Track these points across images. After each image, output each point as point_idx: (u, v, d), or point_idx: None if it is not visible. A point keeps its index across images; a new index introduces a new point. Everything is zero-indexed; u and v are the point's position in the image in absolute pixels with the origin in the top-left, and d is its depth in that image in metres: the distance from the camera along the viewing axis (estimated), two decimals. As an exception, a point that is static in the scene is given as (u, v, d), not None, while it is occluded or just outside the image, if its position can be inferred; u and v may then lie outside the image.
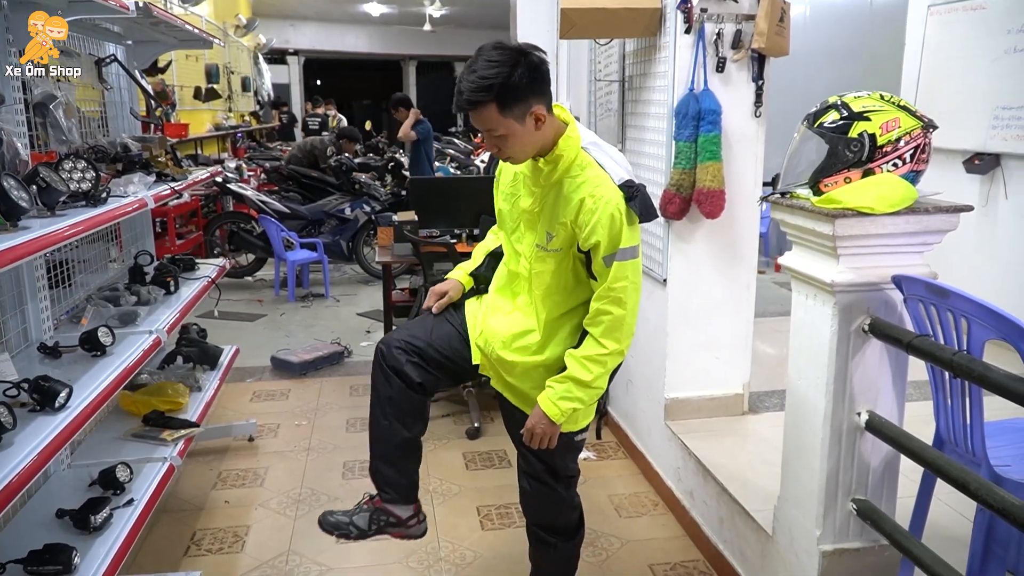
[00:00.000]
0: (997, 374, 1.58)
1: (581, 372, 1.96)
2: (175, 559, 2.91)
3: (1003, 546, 1.83)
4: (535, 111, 1.85)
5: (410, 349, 2.11)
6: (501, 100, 1.80)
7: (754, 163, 3.10)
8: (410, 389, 2.11)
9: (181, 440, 2.75)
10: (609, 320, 1.94)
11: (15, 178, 1.87)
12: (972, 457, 1.86)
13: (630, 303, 1.95)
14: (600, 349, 1.96)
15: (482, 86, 1.79)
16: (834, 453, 2.08)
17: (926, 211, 1.92)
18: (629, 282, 1.93)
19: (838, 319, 1.99)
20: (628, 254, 1.91)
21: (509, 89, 1.80)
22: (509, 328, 2.08)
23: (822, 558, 2.13)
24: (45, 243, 1.77)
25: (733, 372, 3.32)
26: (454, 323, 2.20)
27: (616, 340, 1.96)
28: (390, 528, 2.22)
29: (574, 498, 2.31)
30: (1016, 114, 4.24)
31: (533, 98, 1.84)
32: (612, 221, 1.87)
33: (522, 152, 1.92)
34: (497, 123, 1.84)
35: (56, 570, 1.98)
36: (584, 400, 2.00)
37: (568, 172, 1.93)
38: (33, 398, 1.91)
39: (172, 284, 3.06)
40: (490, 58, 1.81)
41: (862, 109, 1.94)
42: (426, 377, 2.12)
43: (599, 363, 1.97)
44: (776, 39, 2.90)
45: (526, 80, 1.81)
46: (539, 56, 1.86)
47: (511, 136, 1.86)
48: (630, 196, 1.88)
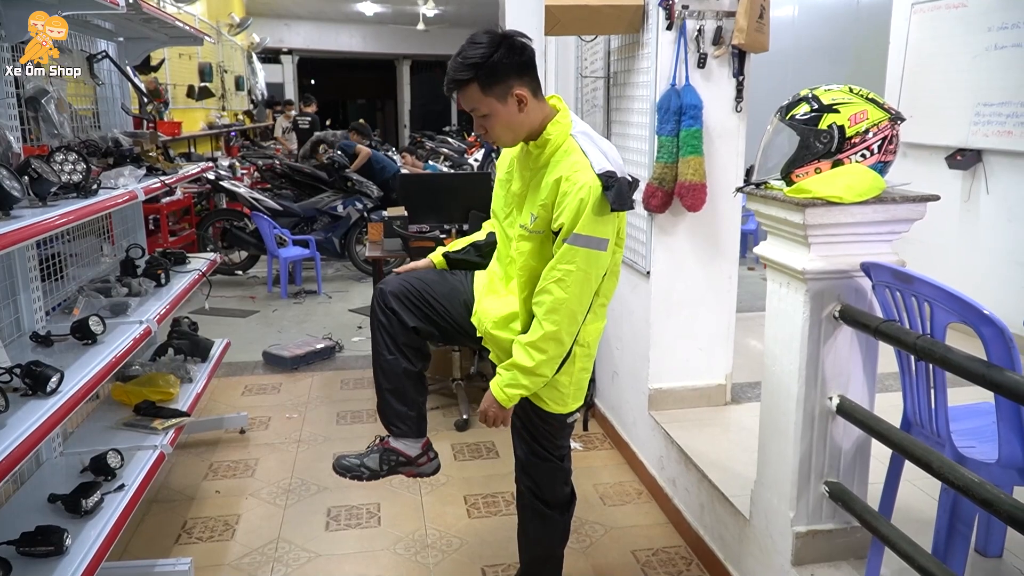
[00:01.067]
0: (957, 355, 1.64)
1: (524, 359, 2.02)
2: (166, 547, 2.95)
3: (967, 524, 1.88)
4: (516, 92, 1.93)
5: (404, 295, 2.19)
6: (482, 79, 1.90)
7: (735, 157, 3.15)
8: (405, 328, 2.19)
9: (172, 429, 2.80)
10: (550, 301, 1.98)
11: (8, 168, 1.92)
12: (937, 438, 1.92)
13: (573, 290, 1.96)
14: (540, 332, 1.99)
15: (464, 65, 1.90)
16: (807, 437, 2.13)
17: (893, 200, 1.97)
18: (576, 268, 1.94)
19: (810, 306, 2.05)
20: (584, 241, 1.93)
21: (490, 68, 1.89)
22: (500, 310, 2.15)
23: (796, 539, 2.19)
24: (37, 231, 1.82)
25: (715, 363, 3.38)
26: (458, 285, 2.28)
27: (554, 323, 1.97)
28: (401, 468, 2.25)
29: (568, 470, 2.37)
30: (997, 110, 4.31)
31: (514, 79, 1.93)
32: (579, 205, 1.91)
33: (505, 133, 2.00)
34: (479, 101, 1.94)
35: (48, 551, 2.03)
36: (529, 386, 2.05)
37: (554, 156, 2.00)
38: (25, 383, 1.96)
39: (163, 277, 3.11)
40: (475, 40, 1.92)
41: (831, 102, 2.00)
42: (418, 324, 2.20)
43: (540, 350, 2.00)
44: (756, 36, 2.96)
45: (507, 61, 1.91)
46: (522, 40, 1.95)
47: (493, 116, 1.95)
48: (606, 185, 1.91)
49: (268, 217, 6.93)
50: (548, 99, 2.06)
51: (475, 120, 2.01)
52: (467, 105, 1.97)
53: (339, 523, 3.13)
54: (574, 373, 2.16)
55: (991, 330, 1.64)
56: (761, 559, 2.38)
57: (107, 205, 2.27)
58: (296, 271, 7.23)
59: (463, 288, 2.29)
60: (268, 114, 13.77)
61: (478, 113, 1.97)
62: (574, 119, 2.07)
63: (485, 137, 2.05)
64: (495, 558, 2.87)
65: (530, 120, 1.99)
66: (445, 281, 2.29)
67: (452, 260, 2.39)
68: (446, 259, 2.40)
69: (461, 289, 2.29)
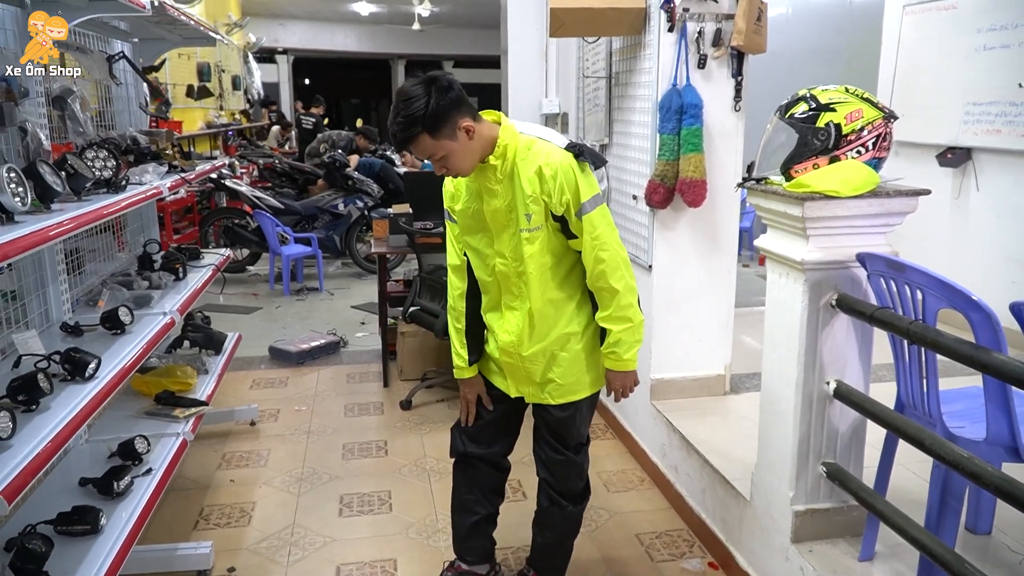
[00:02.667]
0: (947, 339, 1.76)
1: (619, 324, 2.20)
2: (185, 532, 3.05)
3: (957, 499, 2.00)
4: (462, 125, 2.04)
5: (477, 439, 2.49)
6: (429, 127, 2.00)
7: (734, 155, 3.27)
8: (495, 469, 2.53)
9: (192, 417, 2.90)
10: (603, 266, 2.14)
11: (48, 164, 2.02)
12: (929, 419, 2.03)
13: (612, 245, 2.15)
14: (616, 295, 2.16)
15: (408, 122, 1.99)
16: (805, 419, 2.25)
17: (887, 194, 2.09)
18: (603, 228, 2.13)
19: (808, 295, 2.16)
20: (592, 204, 2.11)
21: (431, 116, 1.99)
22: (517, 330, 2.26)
23: (795, 518, 2.31)
24: (82, 222, 1.93)
25: (715, 354, 3.49)
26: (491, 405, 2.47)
27: (619, 279, 2.16)
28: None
29: (581, 464, 2.48)
30: (986, 109, 4.43)
31: (456, 115, 2.03)
32: (569, 178, 2.08)
33: (464, 163, 2.10)
34: (435, 147, 2.04)
35: (84, 529, 2.13)
36: (639, 338, 2.26)
37: (518, 156, 2.12)
38: (65, 368, 2.06)
39: (180, 271, 3.20)
40: (406, 96, 2.00)
41: (828, 101, 2.11)
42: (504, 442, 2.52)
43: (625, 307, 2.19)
44: (754, 37, 3.07)
45: (444, 102, 2.00)
46: (447, 79, 2.04)
47: (451, 154, 2.06)
48: (577, 152, 2.11)
49: (270, 215, 7.02)
50: (483, 114, 2.15)
51: (434, 164, 2.09)
52: (423, 154, 2.07)
53: (352, 509, 3.23)
54: (594, 353, 2.30)
55: (979, 315, 1.76)
56: (762, 538, 2.50)
57: (138, 200, 2.37)
58: (298, 268, 7.32)
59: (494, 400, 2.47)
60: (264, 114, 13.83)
61: (435, 157, 2.06)
62: (512, 121, 2.19)
63: (447, 174, 2.14)
64: (504, 541, 2.96)
65: (482, 142, 2.10)
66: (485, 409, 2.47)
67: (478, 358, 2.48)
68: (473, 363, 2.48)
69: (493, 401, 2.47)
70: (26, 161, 2.21)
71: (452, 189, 2.27)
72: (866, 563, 2.23)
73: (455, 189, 2.26)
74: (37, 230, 1.76)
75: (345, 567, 2.83)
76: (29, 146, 2.27)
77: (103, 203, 2.13)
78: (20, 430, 1.77)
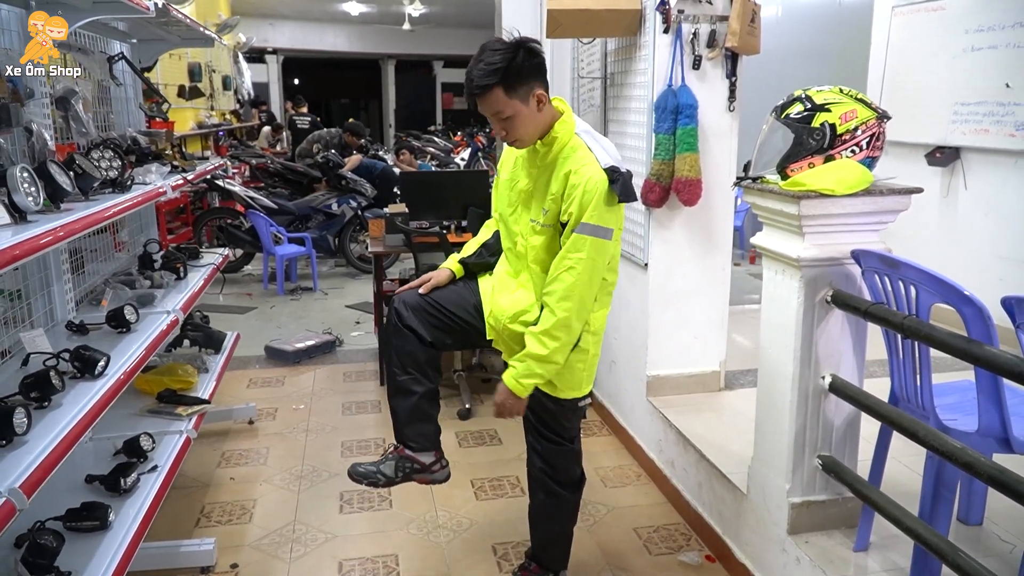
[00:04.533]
0: (940, 332, 1.81)
1: (538, 347, 2.15)
2: (187, 529, 3.07)
3: (950, 489, 2.05)
4: (537, 93, 2.07)
5: (419, 308, 2.32)
6: (507, 82, 2.02)
7: (728, 155, 3.32)
8: (422, 344, 2.32)
9: (195, 415, 2.93)
10: (561, 289, 2.11)
11: (58, 164, 2.04)
12: (922, 411, 2.08)
13: (583, 278, 2.09)
14: (552, 320, 2.12)
15: (489, 71, 2.01)
16: (801, 413, 2.30)
17: (880, 193, 2.14)
18: (586, 256, 2.08)
19: (804, 291, 2.21)
20: (592, 231, 2.07)
21: (513, 72, 2.02)
22: (514, 305, 2.28)
23: (791, 510, 2.35)
24: (93, 221, 1.95)
25: (710, 351, 3.54)
26: (466, 294, 2.41)
27: (565, 310, 2.10)
28: (415, 474, 2.38)
29: (578, 451, 2.52)
30: (974, 109, 4.50)
31: (535, 81, 2.07)
32: (584, 195, 2.05)
33: (527, 133, 2.12)
34: (505, 104, 2.05)
35: (94, 525, 2.16)
36: (543, 375, 2.19)
37: (561, 153, 2.14)
38: (74, 366, 2.09)
39: (181, 270, 3.23)
40: (493, 47, 2.04)
41: (823, 101, 2.16)
42: (436, 335, 2.33)
43: (553, 337, 2.14)
44: (748, 39, 3.12)
45: (527, 64, 2.04)
46: (535, 45, 2.09)
47: (517, 117, 2.07)
48: (613, 179, 2.07)
49: (264, 215, 7.03)
50: (553, 100, 2.19)
51: (496, 123, 2.10)
52: (490, 109, 2.07)
53: (352, 506, 3.26)
54: (587, 359, 2.31)
55: (971, 309, 1.81)
56: (758, 530, 2.55)
57: (143, 200, 2.40)
58: (292, 268, 7.34)
59: (469, 294, 2.42)
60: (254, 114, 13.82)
61: (501, 116, 2.07)
62: (577, 119, 2.21)
63: (505, 139, 2.15)
64: (504, 536, 3.02)
65: (545, 119, 2.13)
66: (452, 291, 2.42)
67: (468, 265, 2.49)
68: (462, 265, 2.50)
69: (468, 295, 2.42)
70: (32, 161, 2.23)
71: (507, 156, 2.34)
72: (861, 553, 2.29)
73: (507, 156, 2.33)
74: (51, 229, 1.78)
75: (347, 563, 2.86)
76: (35, 146, 2.30)
77: (111, 203, 2.16)
78: (35, 426, 1.79)
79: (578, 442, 2.52)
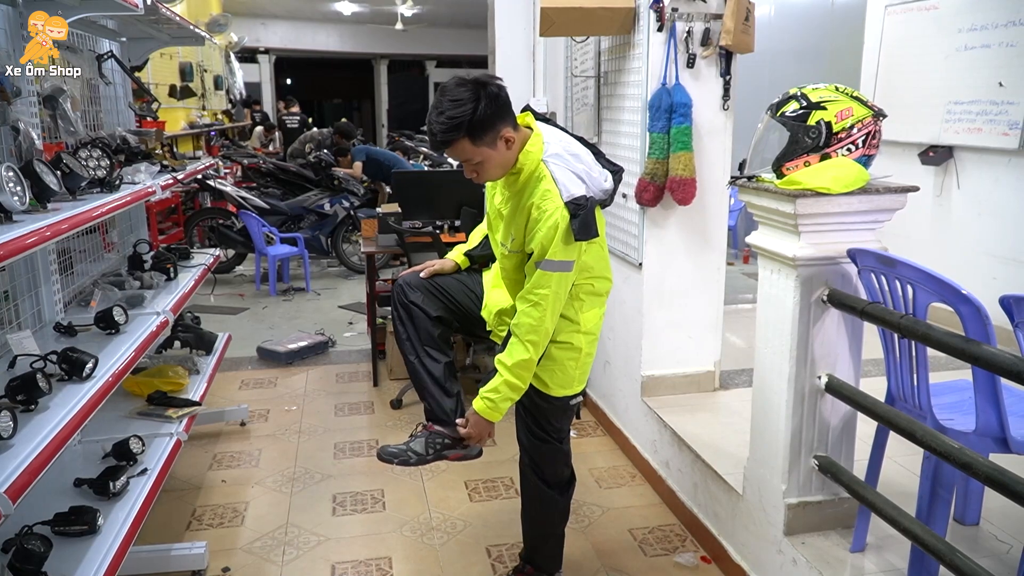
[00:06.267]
0: (938, 332, 1.79)
1: (514, 379, 2.16)
2: (178, 532, 3.04)
3: (947, 489, 2.04)
4: (503, 134, 2.05)
5: (424, 288, 2.34)
6: (472, 134, 2.00)
7: (723, 153, 3.30)
8: (430, 319, 2.32)
9: (186, 417, 2.90)
10: (528, 324, 2.12)
11: (45, 163, 2.01)
12: (919, 411, 2.07)
13: (549, 312, 2.11)
14: (525, 355, 2.13)
15: (451, 126, 1.98)
16: (797, 413, 2.28)
17: (877, 191, 2.12)
18: (551, 291, 2.09)
19: (800, 291, 2.20)
20: (556, 267, 2.08)
21: (476, 123, 1.98)
22: (502, 302, 2.31)
23: (787, 511, 2.34)
24: (80, 221, 1.92)
25: (705, 350, 3.53)
26: (469, 283, 2.42)
27: (532, 345, 2.13)
28: (447, 451, 2.33)
29: (567, 452, 2.50)
30: (967, 108, 4.50)
31: (500, 123, 2.03)
32: (548, 232, 2.04)
33: (496, 172, 2.12)
34: (472, 153, 2.04)
35: (82, 529, 2.13)
36: (515, 397, 2.22)
37: (529, 182, 2.11)
38: (62, 368, 2.06)
39: (172, 271, 3.19)
40: (454, 97, 1.98)
41: (819, 99, 2.14)
42: (441, 313, 2.34)
43: (527, 368, 2.17)
44: (742, 37, 3.11)
45: (490, 110, 2.00)
46: (497, 85, 2.04)
47: (486, 161, 2.07)
48: (573, 214, 2.03)
49: (256, 215, 7.00)
50: (520, 119, 2.15)
51: (466, 167, 2.10)
52: (458, 158, 2.07)
53: (345, 508, 3.24)
54: (579, 358, 2.30)
55: (968, 308, 1.79)
56: (754, 531, 2.53)
57: (132, 199, 2.37)
58: (284, 269, 7.30)
59: (472, 284, 2.44)
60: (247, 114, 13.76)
61: (471, 163, 2.06)
62: (546, 141, 2.14)
63: (477, 180, 2.14)
64: (498, 538, 3.00)
65: (515, 153, 2.10)
66: (455, 279, 2.43)
67: (474, 257, 2.50)
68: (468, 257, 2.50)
69: (470, 284, 2.43)
70: (18, 160, 2.20)
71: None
72: (858, 554, 2.27)
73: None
74: (37, 229, 1.76)
75: (340, 565, 2.84)
76: (22, 145, 2.27)
77: (99, 203, 2.13)
78: (21, 429, 1.76)
79: (567, 443, 2.51)
